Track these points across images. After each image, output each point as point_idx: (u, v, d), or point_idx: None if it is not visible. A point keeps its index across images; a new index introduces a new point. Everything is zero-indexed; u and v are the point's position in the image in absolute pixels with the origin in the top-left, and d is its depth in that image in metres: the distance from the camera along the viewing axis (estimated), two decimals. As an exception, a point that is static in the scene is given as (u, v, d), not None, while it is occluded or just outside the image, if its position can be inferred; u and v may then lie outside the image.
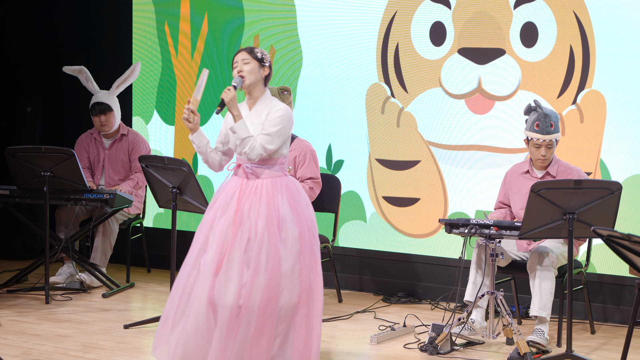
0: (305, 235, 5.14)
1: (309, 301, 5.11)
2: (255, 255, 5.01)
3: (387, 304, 7.35)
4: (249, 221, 5.05)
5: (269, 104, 5.20)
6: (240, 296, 4.98)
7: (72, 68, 7.91)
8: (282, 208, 5.09)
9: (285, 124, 5.14)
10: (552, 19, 6.94)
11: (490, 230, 5.97)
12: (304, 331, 5.09)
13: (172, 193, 6.46)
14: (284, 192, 5.13)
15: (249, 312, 4.97)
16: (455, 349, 6.03)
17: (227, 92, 5.06)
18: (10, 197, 7.39)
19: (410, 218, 7.51)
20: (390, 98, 7.55)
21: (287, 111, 5.16)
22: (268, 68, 5.22)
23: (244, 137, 5.07)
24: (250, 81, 5.17)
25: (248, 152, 5.07)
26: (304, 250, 5.12)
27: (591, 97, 6.86)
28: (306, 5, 7.80)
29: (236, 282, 4.99)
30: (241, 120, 5.08)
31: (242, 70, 5.17)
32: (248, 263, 5.01)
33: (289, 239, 5.07)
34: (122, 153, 7.92)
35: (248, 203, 5.08)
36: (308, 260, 5.13)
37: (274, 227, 5.05)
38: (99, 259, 7.63)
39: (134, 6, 8.54)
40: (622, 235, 4.50)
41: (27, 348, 6.00)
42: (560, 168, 6.32)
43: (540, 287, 6.08)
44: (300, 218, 5.13)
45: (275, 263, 5.01)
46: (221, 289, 5.00)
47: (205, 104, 8.24)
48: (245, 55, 5.19)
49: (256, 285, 4.98)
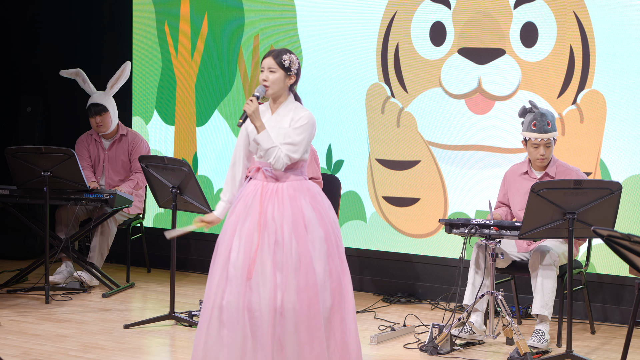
0: (331, 237, 5.04)
1: (342, 304, 5.01)
2: (286, 257, 4.90)
3: (387, 304, 7.35)
4: (274, 224, 4.95)
5: (292, 109, 5.08)
6: (276, 299, 4.86)
7: (69, 71, 7.92)
8: (306, 210, 5.00)
9: (309, 131, 5.05)
10: (552, 19, 6.94)
11: (490, 230, 5.97)
12: (340, 335, 4.98)
13: (172, 193, 6.46)
14: (306, 195, 5.04)
15: (292, 315, 4.86)
16: (455, 349, 6.03)
17: (249, 104, 4.96)
18: (10, 197, 7.39)
19: (410, 218, 7.51)
20: (390, 98, 7.55)
21: (310, 118, 5.05)
22: (295, 76, 5.08)
23: (268, 148, 4.98)
24: (273, 91, 5.06)
25: (273, 163, 4.98)
26: (331, 252, 5.02)
27: (591, 97, 6.86)
28: (306, 5, 7.80)
29: (270, 286, 4.87)
30: (264, 131, 4.98)
31: (267, 79, 5.04)
32: (279, 265, 4.90)
33: (316, 241, 4.97)
34: (121, 153, 7.92)
35: (271, 205, 4.98)
36: (337, 262, 5.04)
37: (300, 228, 4.95)
38: (96, 259, 7.64)
39: (134, 6, 8.54)
40: (622, 235, 4.50)
41: (27, 348, 6.00)
42: (559, 168, 6.32)
43: (542, 286, 6.08)
44: (324, 220, 5.04)
45: (308, 263, 4.91)
46: (257, 294, 4.88)
47: (205, 104, 8.24)
48: (272, 62, 5.05)
49: (292, 287, 4.87)
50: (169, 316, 6.60)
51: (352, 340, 5.02)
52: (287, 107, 5.10)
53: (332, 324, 4.98)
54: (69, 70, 7.92)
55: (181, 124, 8.37)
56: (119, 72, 7.92)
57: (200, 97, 8.27)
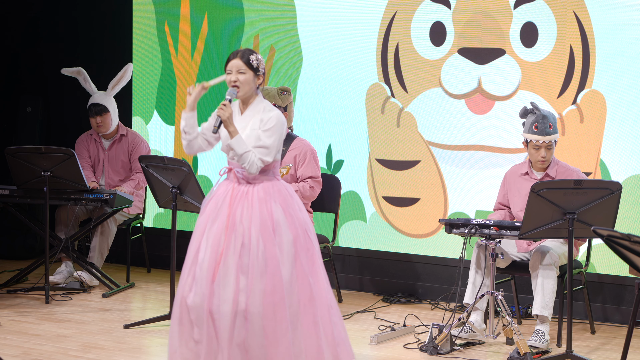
0: (300, 239, 5.02)
1: (312, 307, 4.98)
2: (252, 260, 4.90)
3: (387, 304, 7.35)
4: (241, 226, 4.95)
5: (261, 109, 5.09)
6: (237, 302, 4.87)
7: (71, 70, 7.92)
8: (275, 212, 4.99)
9: (279, 133, 5.06)
10: (552, 19, 6.94)
11: (490, 230, 5.97)
12: (314, 339, 4.96)
13: (172, 193, 6.46)
14: (277, 197, 5.04)
15: (257, 319, 4.86)
16: (455, 349, 6.03)
17: (223, 109, 4.97)
18: (10, 197, 7.40)
19: (410, 218, 7.51)
20: (390, 98, 7.55)
21: (279, 119, 5.06)
22: (262, 76, 5.12)
23: (242, 153, 4.98)
24: (244, 92, 5.07)
25: (248, 168, 4.99)
26: (299, 255, 5.00)
27: (591, 97, 6.86)
28: (306, 5, 7.80)
29: (233, 289, 4.88)
30: (237, 136, 4.99)
31: (238, 80, 5.06)
32: (244, 269, 4.91)
33: (284, 244, 4.97)
34: (121, 154, 7.92)
35: (240, 208, 4.99)
36: (305, 265, 5.01)
37: (268, 232, 4.95)
38: (96, 259, 7.64)
39: (134, 6, 8.54)
40: (622, 235, 4.50)
41: (27, 348, 6.00)
42: (560, 169, 6.32)
43: (543, 286, 6.08)
44: (294, 222, 5.03)
45: (274, 266, 4.91)
46: (217, 297, 4.89)
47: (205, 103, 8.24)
48: (241, 64, 5.06)
49: (257, 290, 4.88)
50: (169, 316, 6.59)
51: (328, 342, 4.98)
52: (256, 107, 5.11)
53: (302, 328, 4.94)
54: (70, 68, 7.92)
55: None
56: (121, 73, 7.92)
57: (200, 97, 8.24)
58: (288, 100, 6.82)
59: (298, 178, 6.88)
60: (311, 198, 6.90)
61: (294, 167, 6.88)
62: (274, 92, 6.79)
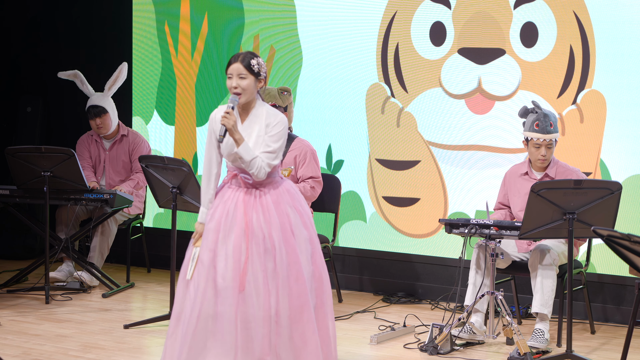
0: (313, 236, 5.09)
1: (323, 301, 5.07)
2: (277, 265, 4.92)
3: (387, 304, 7.35)
4: (261, 232, 4.94)
5: (264, 113, 5.04)
6: (270, 308, 4.88)
7: (67, 73, 7.91)
8: (291, 214, 5.02)
9: (284, 136, 5.06)
10: (552, 19, 6.94)
11: (490, 230, 5.97)
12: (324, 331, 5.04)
13: (172, 193, 6.46)
14: (287, 197, 5.05)
15: (287, 323, 4.89)
16: (455, 349, 6.03)
17: (227, 118, 4.91)
18: (10, 197, 7.40)
19: (410, 218, 7.51)
20: (390, 98, 7.55)
21: (285, 123, 5.04)
22: (263, 80, 5.06)
23: (250, 160, 4.95)
24: (246, 98, 5.02)
25: (256, 173, 4.96)
26: (315, 251, 5.07)
27: (591, 97, 6.86)
28: (306, 5, 7.80)
29: (263, 295, 4.89)
30: (244, 143, 4.95)
31: (239, 86, 4.99)
32: (270, 274, 4.92)
33: (302, 243, 5.01)
34: (122, 154, 7.92)
35: (255, 214, 4.97)
36: (319, 261, 5.10)
37: (288, 234, 4.97)
38: (96, 259, 7.64)
39: (134, 6, 8.54)
40: (622, 235, 4.50)
41: (27, 348, 6.00)
42: (559, 169, 6.32)
43: (542, 285, 6.08)
44: (306, 220, 5.08)
45: (298, 270, 4.95)
46: (251, 305, 4.88)
47: (205, 104, 8.24)
48: (242, 68, 4.99)
49: (284, 294, 4.90)
50: (169, 316, 6.59)
51: (332, 334, 5.09)
52: (258, 111, 5.06)
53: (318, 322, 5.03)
54: (66, 72, 7.91)
55: (181, 124, 8.38)
56: (116, 73, 7.92)
57: (200, 97, 8.26)
58: (288, 101, 6.82)
59: (299, 178, 6.88)
60: (312, 198, 6.90)
61: (295, 167, 6.88)
62: (275, 92, 6.78)
